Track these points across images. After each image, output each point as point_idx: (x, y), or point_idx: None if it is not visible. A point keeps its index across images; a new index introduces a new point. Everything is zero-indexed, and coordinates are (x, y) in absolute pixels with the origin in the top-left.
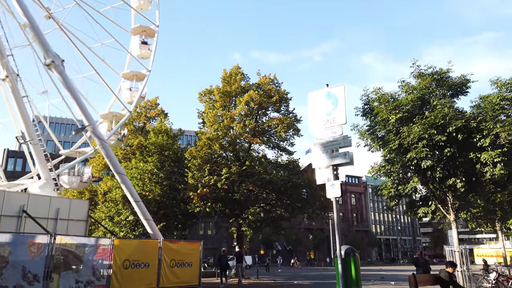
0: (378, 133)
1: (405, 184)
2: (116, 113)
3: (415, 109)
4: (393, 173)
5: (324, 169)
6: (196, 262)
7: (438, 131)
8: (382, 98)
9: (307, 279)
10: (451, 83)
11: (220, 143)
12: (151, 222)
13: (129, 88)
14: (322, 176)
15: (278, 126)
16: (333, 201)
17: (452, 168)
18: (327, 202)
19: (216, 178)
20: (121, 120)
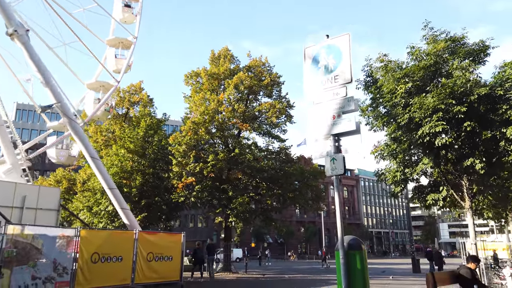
0: (382, 110)
1: (413, 167)
2: (103, 82)
3: (427, 78)
4: (399, 154)
5: (322, 141)
6: (177, 256)
7: (457, 101)
8: (388, 66)
9: (299, 272)
10: (468, 50)
11: (207, 128)
12: (127, 211)
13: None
14: (320, 150)
15: (270, 111)
16: (334, 180)
17: (470, 147)
18: (320, 192)
19: (202, 165)
20: (109, 90)
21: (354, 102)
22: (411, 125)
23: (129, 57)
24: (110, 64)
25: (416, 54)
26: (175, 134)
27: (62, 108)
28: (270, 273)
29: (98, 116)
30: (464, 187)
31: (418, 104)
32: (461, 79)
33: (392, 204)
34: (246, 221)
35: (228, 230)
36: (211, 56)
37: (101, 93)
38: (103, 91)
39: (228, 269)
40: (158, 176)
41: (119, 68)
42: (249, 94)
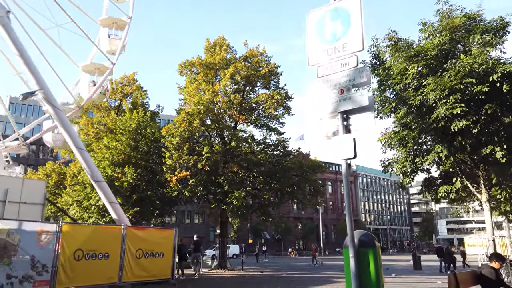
0: (390, 95)
1: (423, 156)
2: (98, 64)
3: (442, 57)
4: (409, 142)
5: (328, 120)
6: (168, 252)
7: (477, 81)
8: (398, 45)
9: (297, 270)
10: (485, 27)
11: (201, 119)
12: (115, 205)
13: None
14: (325, 129)
15: (267, 102)
16: (343, 165)
17: (490, 133)
18: (319, 187)
19: (196, 158)
20: (104, 72)
21: (366, 73)
22: (424, 108)
23: (123, 38)
24: (104, 44)
25: (429, 31)
26: (168, 126)
27: (45, 95)
28: (267, 270)
29: (93, 100)
30: (481, 178)
31: (432, 85)
32: (482, 55)
33: (390, 200)
34: (242, 216)
35: (224, 226)
36: (207, 45)
37: (96, 75)
38: (98, 74)
39: (224, 266)
40: (151, 169)
41: (112, 48)
42: (246, 85)
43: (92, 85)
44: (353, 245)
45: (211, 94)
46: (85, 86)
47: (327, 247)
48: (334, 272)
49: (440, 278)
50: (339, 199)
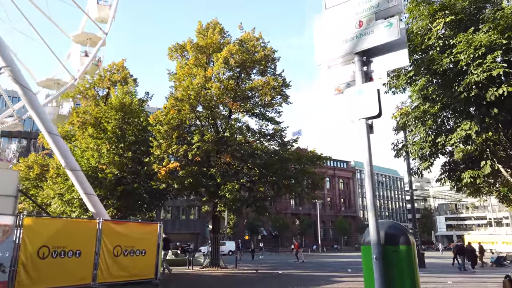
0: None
1: (447, 135)
2: (90, 34)
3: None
4: (429, 119)
5: (339, 68)
6: (152, 249)
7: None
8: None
9: (294, 267)
10: None
11: (191, 104)
12: (93, 197)
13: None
14: (336, 80)
15: (263, 88)
16: (362, 130)
17: None
18: (318, 179)
19: (186, 148)
20: (96, 43)
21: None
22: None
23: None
24: (93, 11)
25: None
26: (156, 113)
27: (13, 73)
28: (262, 268)
29: (86, 71)
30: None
31: (464, 43)
32: None
33: (388, 196)
34: (236, 211)
35: (217, 221)
36: (198, 28)
37: (88, 46)
38: (90, 44)
39: (216, 264)
40: (139, 161)
41: (101, 16)
42: (241, 72)
43: (84, 56)
44: (378, 240)
45: (202, 79)
46: (76, 57)
47: (325, 244)
48: (335, 270)
49: (452, 277)
50: (337, 195)
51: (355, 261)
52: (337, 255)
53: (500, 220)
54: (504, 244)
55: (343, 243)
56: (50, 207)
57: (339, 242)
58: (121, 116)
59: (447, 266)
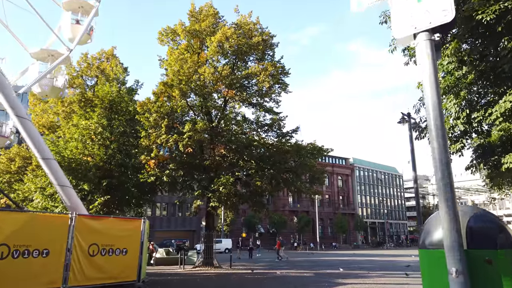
0: None
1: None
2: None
3: None
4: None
5: None
6: (134, 248)
7: None
8: None
9: (293, 266)
10: None
11: (181, 89)
12: (67, 189)
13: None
14: None
15: (261, 74)
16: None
17: None
18: (319, 173)
19: (177, 137)
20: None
21: None
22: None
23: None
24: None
25: None
26: (144, 100)
27: None
28: (259, 268)
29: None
30: None
31: None
32: None
33: (387, 194)
34: (232, 206)
35: (211, 217)
36: (191, 10)
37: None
38: (82, 12)
39: (209, 263)
40: (127, 153)
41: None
42: (237, 59)
43: (75, 24)
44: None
45: (194, 63)
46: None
47: (323, 242)
48: (335, 269)
49: None
50: (335, 192)
51: (355, 260)
52: (335, 253)
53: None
54: None
55: (341, 241)
56: (32, 203)
57: (338, 240)
58: (108, 105)
59: None
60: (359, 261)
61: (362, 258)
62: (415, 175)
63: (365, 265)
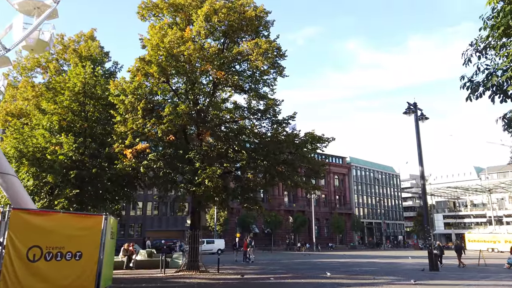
0: None
1: None
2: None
3: None
4: None
5: None
6: (91, 251)
7: None
8: None
9: (289, 270)
10: None
11: (161, 65)
12: (9, 178)
13: None
14: None
15: (254, 52)
16: None
17: None
18: (319, 166)
19: (155, 122)
20: None
21: None
22: None
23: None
24: None
25: None
26: (118, 80)
27: None
28: (250, 272)
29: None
30: None
31: None
32: None
33: (384, 193)
34: (221, 203)
35: (196, 215)
36: None
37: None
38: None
39: (195, 267)
40: (101, 141)
41: None
42: (227, 39)
43: None
44: None
45: (176, 37)
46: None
47: (319, 242)
48: (337, 273)
49: None
50: (332, 192)
51: (355, 262)
52: (333, 254)
53: (500, 218)
54: (507, 243)
55: (338, 241)
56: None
57: (334, 241)
58: (81, 87)
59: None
60: (359, 264)
61: (361, 260)
62: (422, 170)
63: (367, 268)
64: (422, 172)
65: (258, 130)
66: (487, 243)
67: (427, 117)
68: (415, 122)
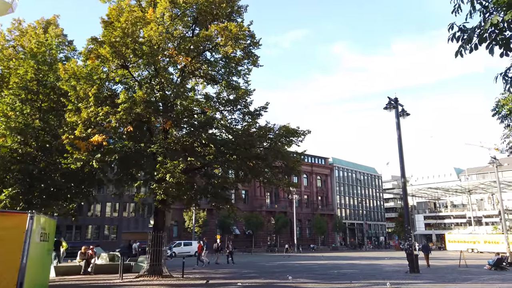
0: None
1: None
2: None
3: None
4: None
5: None
6: (10, 258)
7: None
8: None
9: (262, 274)
10: None
11: (113, 45)
12: None
13: None
14: None
15: (223, 36)
16: None
17: None
18: (295, 161)
19: (109, 110)
20: None
21: None
22: None
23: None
24: None
25: None
26: (69, 63)
27: None
28: (219, 277)
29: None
30: None
31: None
32: None
33: (366, 194)
34: (188, 202)
35: (160, 214)
36: None
37: None
38: None
39: (157, 272)
40: (53, 133)
41: None
42: (197, 25)
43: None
44: None
45: (134, 16)
46: None
47: (301, 243)
48: (315, 277)
49: None
50: (314, 193)
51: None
52: (314, 256)
53: (479, 218)
54: (486, 244)
55: (319, 242)
56: None
57: (316, 242)
58: (32, 72)
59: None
60: (338, 266)
61: (341, 262)
62: (402, 167)
63: (346, 270)
64: (402, 170)
65: (228, 122)
66: (467, 244)
67: (408, 113)
68: (395, 118)
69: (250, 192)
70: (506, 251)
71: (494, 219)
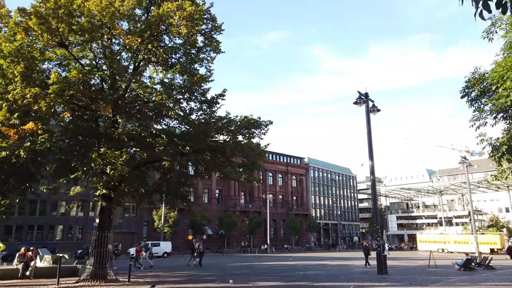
0: None
1: None
2: None
3: None
4: None
5: None
6: None
7: None
8: None
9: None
10: None
11: (42, 16)
12: None
13: None
14: None
15: (176, 15)
16: None
17: None
18: (256, 154)
19: (38, 92)
20: None
21: None
22: None
23: None
24: None
25: None
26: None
27: None
28: (172, 279)
29: None
30: None
31: None
32: None
33: (341, 195)
34: (140, 199)
35: (106, 212)
36: None
37: None
38: None
39: (101, 276)
40: None
41: None
42: (152, 5)
43: None
44: None
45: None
46: None
47: (275, 243)
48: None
49: None
50: (289, 193)
51: (303, 265)
52: (285, 257)
53: (450, 219)
54: (456, 244)
55: (293, 242)
56: None
57: (290, 242)
58: None
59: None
60: (306, 266)
61: (311, 262)
62: (372, 164)
63: (312, 272)
64: (372, 166)
65: (183, 111)
66: (438, 244)
67: (378, 109)
68: (366, 113)
69: (224, 192)
70: (475, 251)
71: (464, 219)
